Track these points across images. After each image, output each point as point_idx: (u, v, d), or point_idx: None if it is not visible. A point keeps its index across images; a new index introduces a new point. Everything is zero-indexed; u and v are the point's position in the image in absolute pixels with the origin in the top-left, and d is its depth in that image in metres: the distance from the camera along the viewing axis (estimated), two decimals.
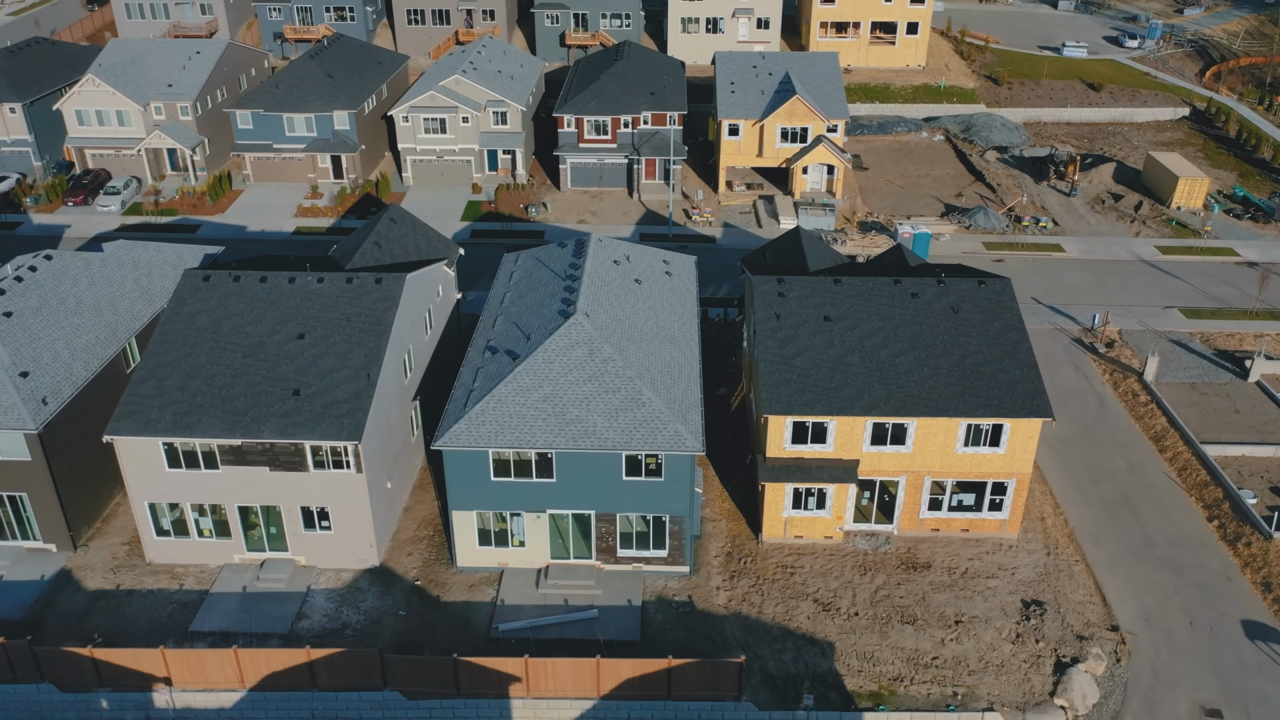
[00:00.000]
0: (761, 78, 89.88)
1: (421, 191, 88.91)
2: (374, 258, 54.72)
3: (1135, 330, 70.00)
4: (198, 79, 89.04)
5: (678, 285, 56.73)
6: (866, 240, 78.95)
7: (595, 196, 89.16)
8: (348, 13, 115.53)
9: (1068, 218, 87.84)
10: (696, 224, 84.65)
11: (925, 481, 49.46)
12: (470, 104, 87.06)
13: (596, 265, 53.42)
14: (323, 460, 45.34)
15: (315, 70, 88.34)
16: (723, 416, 59.75)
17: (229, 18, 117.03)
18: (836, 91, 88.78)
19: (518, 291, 54.55)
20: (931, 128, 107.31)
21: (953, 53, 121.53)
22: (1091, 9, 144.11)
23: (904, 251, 59.94)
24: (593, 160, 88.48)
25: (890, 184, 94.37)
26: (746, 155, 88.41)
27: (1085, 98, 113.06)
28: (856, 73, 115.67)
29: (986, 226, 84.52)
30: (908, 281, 53.01)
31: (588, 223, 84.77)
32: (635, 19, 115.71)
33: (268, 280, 50.60)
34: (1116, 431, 60.04)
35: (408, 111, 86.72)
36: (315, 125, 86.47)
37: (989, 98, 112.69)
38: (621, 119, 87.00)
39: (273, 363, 46.97)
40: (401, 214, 60.29)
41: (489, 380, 46.74)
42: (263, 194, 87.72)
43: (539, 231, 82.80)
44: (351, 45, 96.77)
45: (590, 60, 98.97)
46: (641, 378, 46.18)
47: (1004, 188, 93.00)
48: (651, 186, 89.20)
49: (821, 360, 49.13)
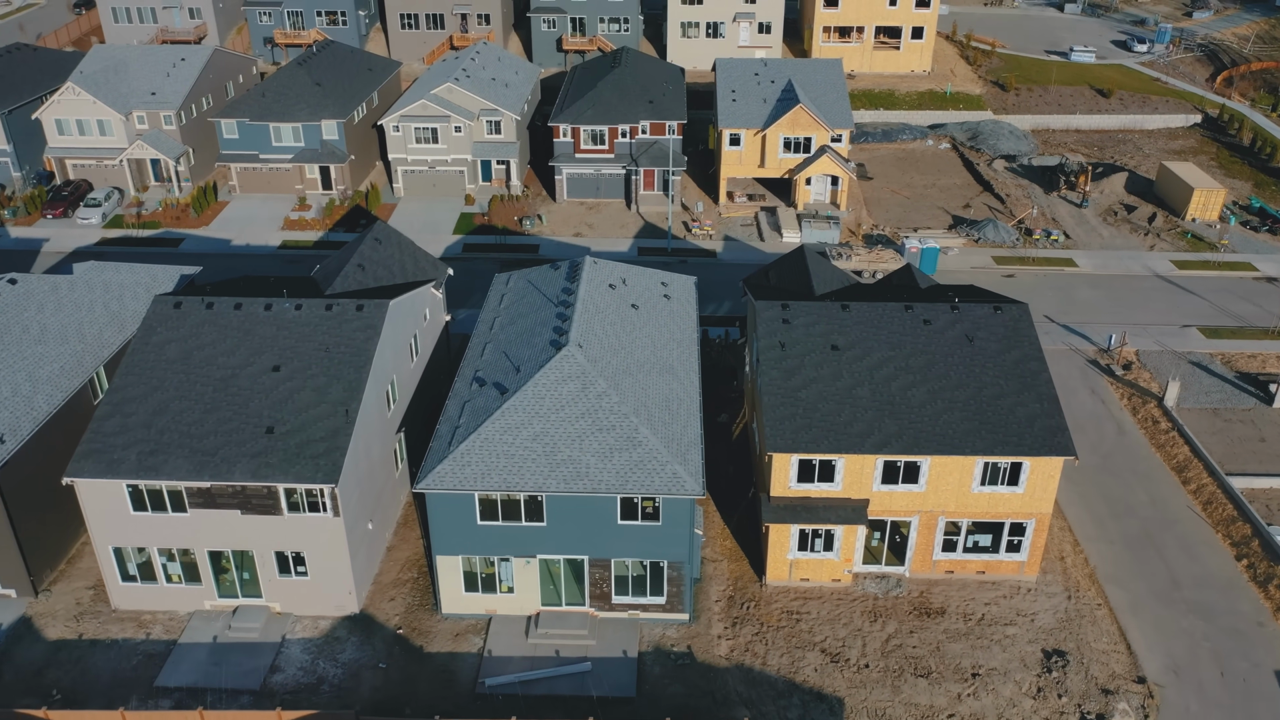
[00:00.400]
0: (763, 85, 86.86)
1: (413, 203, 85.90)
2: (357, 281, 51.72)
3: (1153, 351, 66.99)
4: (182, 87, 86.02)
5: (677, 309, 53.73)
6: (872, 255, 75.95)
7: (592, 208, 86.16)
8: (340, 17, 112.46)
9: (1079, 230, 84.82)
10: (696, 237, 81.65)
11: (939, 522, 46.48)
12: (463, 113, 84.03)
13: (590, 289, 50.42)
14: (298, 503, 42.36)
15: (303, 78, 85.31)
16: (724, 445, 56.80)
17: (218, 22, 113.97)
18: (841, 100, 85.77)
19: (508, 317, 51.55)
20: (937, 135, 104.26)
21: (958, 58, 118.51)
22: (1099, 12, 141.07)
23: (913, 272, 56.92)
24: (589, 171, 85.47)
25: (896, 194, 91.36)
26: (748, 166, 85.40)
27: (1094, 104, 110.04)
28: (860, 78, 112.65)
29: (996, 240, 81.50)
30: (919, 307, 50.00)
31: (584, 236, 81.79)
32: (634, 23, 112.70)
33: (242, 308, 47.62)
34: (1137, 461, 57.04)
35: (398, 121, 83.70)
36: (303, 135, 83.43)
37: (996, 104, 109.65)
38: (619, 129, 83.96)
39: (245, 397, 43.98)
40: (387, 232, 57.29)
41: (475, 416, 43.76)
42: (249, 206, 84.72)
43: (534, 245, 79.82)
44: (341, 52, 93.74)
45: (587, 67, 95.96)
46: (638, 414, 43.20)
47: (1013, 198, 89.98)
48: (650, 198, 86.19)
49: (829, 393, 46.14)
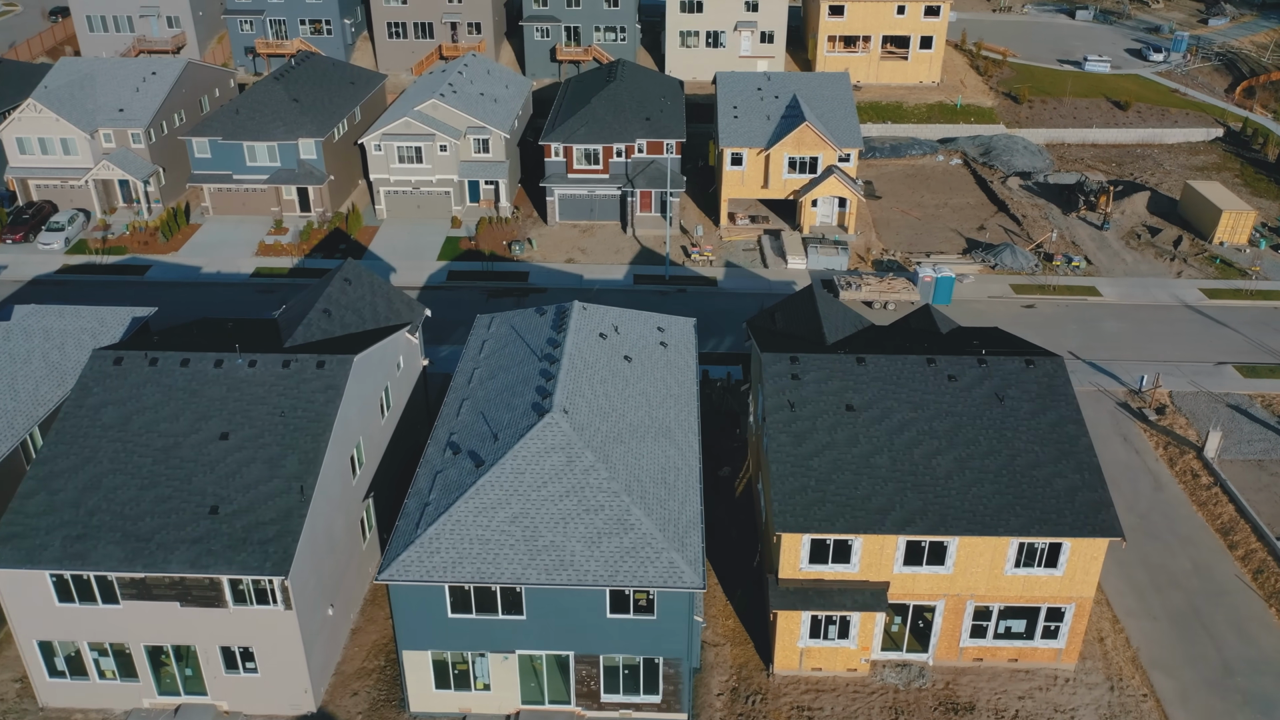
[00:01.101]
0: (767, 101, 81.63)
1: (396, 226, 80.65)
2: (321, 329, 46.52)
3: (1188, 393, 61.79)
4: (152, 103, 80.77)
5: (675, 359, 48.52)
6: (884, 285, 70.75)
7: (585, 231, 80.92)
8: (325, 26, 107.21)
9: (1101, 255, 79.61)
10: (696, 264, 76.44)
11: (967, 606, 41.33)
12: (449, 131, 78.79)
13: (579, 341, 45.22)
14: (245, 594, 37.19)
15: (279, 94, 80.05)
16: (726, 503, 51.67)
17: (198, 31, 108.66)
18: (849, 117, 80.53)
19: (488, 369, 46.36)
20: (948, 150, 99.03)
21: (968, 68, 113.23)
22: (1111, 19, 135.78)
23: (932, 312, 51.73)
24: (583, 192, 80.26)
25: (906, 215, 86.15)
26: (750, 187, 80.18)
27: (1111, 117, 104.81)
28: (866, 90, 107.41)
29: (1014, 266, 76.28)
30: (943, 361, 44.83)
31: (576, 262, 76.57)
32: (631, 32, 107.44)
33: (190, 364, 42.44)
34: (1177, 521, 51.87)
35: (380, 139, 78.47)
36: (279, 154, 78.19)
37: (1008, 117, 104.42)
38: (614, 148, 78.71)
39: (189, 470, 38.80)
40: (358, 272, 52.06)
41: (447, 492, 38.58)
42: (222, 229, 79.48)
43: (523, 273, 74.58)
44: (322, 65, 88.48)
45: (582, 80, 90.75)
46: (630, 490, 38.02)
47: (1030, 220, 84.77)
48: (647, 220, 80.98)
49: (844, 462, 40.98)
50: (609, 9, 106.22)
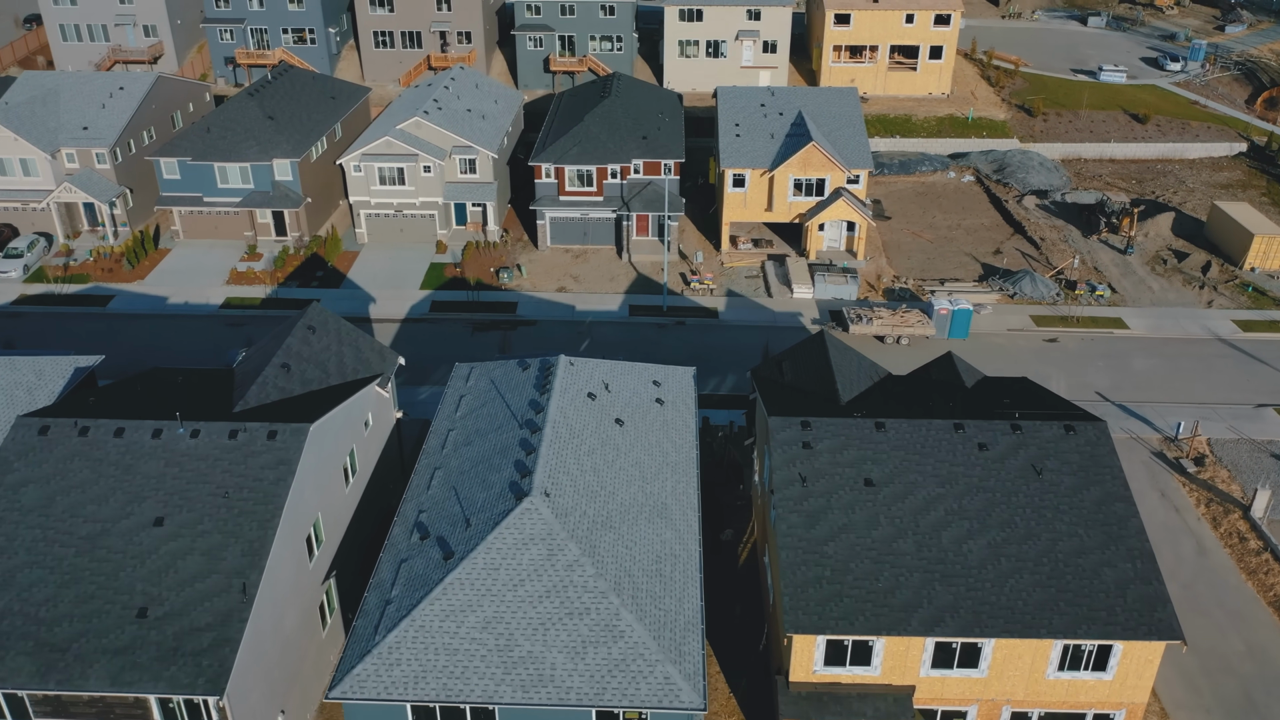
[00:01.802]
0: (771, 118, 76.49)
1: (377, 251, 75.54)
2: (278, 387, 41.46)
3: (1228, 440, 56.75)
4: (118, 120, 75.64)
5: (673, 417, 43.45)
6: (897, 319, 65.64)
7: (578, 257, 75.82)
8: (308, 35, 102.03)
9: (1125, 282, 74.52)
10: (696, 292, 71.35)
11: (1004, 712, 36.31)
12: (433, 151, 73.66)
13: (564, 403, 40.16)
14: (175, 714, 32.13)
15: (253, 111, 74.91)
16: (728, 573, 46.63)
17: (176, 41, 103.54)
18: (858, 135, 75.40)
19: (464, 432, 41.31)
20: (960, 167, 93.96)
21: (979, 78, 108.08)
22: (1124, 26, 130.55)
23: (955, 361, 46.72)
24: (575, 215, 75.16)
25: (918, 237, 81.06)
26: (753, 209, 75.08)
27: (1129, 131, 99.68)
28: (874, 102, 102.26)
29: (1034, 295, 71.18)
30: (972, 427, 39.79)
31: (569, 290, 71.46)
32: (628, 42, 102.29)
33: (125, 434, 37.39)
34: (1225, 593, 46.82)
35: (359, 160, 73.36)
36: (252, 176, 73.07)
37: (1022, 131, 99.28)
38: (609, 168, 73.61)
39: (117, 564, 33.77)
40: (323, 318, 46.97)
41: (411, 589, 33.54)
42: (192, 255, 74.39)
43: (511, 303, 69.48)
44: (301, 78, 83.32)
45: (575, 94, 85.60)
46: (620, 589, 32.99)
47: (1049, 243, 79.68)
48: (643, 244, 75.88)
49: (863, 547, 35.95)
50: (605, 18, 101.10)
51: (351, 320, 66.85)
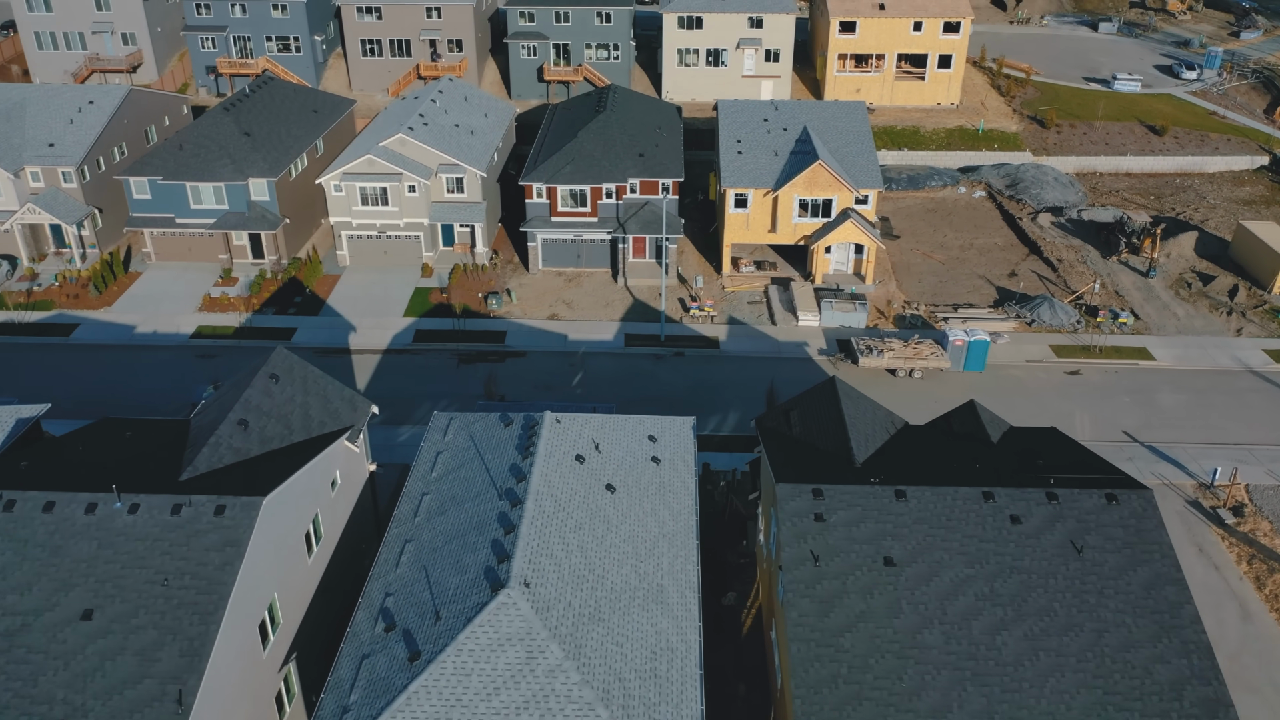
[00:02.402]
0: (774, 134, 72.17)
1: (359, 274, 71.24)
2: (233, 448, 37.20)
3: (1268, 486, 52.51)
4: (86, 137, 71.32)
5: (669, 479, 39.18)
6: (909, 351, 61.36)
7: (571, 280, 71.52)
8: (293, 44, 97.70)
9: (1149, 307, 70.24)
10: (695, 320, 67.06)
11: None
12: (417, 169, 69.34)
13: (549, 470, 35.89)
14: None
15: (229, 127, 70.57)
16: (730, 642, 42.40)
17: (155, 49, 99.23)
18: (867, 153, 71.09)
19: (438, 499, 37.05)
20: (971, 182, 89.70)
21: (989, 88, 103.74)
22: (1136, 32, 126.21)
23: (979, 410, 42.48)
24: (568, 236, 70.87)
25: (928, 258, 76.78)
26: (756, 231, 70.80)
27: (1146, 143, 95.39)
28: (880, 112, 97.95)
29: (1053, 323, 66.90)
30: (1003, 496, 35.53)
31: (560, 318, 67.18)
32: (625, 50, 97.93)
33: (55, 510, 33.13)
34: (1275, 668, 42.57)
35: (340, 179, 69.03)
36: (226, 196, 68.76)
37: (1035, 143, 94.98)
38: (603, 188, 69.32)
39: (37, 666, 29.52)
40: (288, 364, 42.71)
41: (372, 695, 29.26)
42: (164, 279, 70.09)
43: (499, 332, 65.20)
44: (281, 91, 78.97)
45: (569, 107, 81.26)
46: (609, 697, 28.73)
47: (1066, 265, 75.39)
48: (640, 268, 71.61)
49: (884, 640, 31.68)
50: (601, 25, 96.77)
51: (330, 352, 62.69)
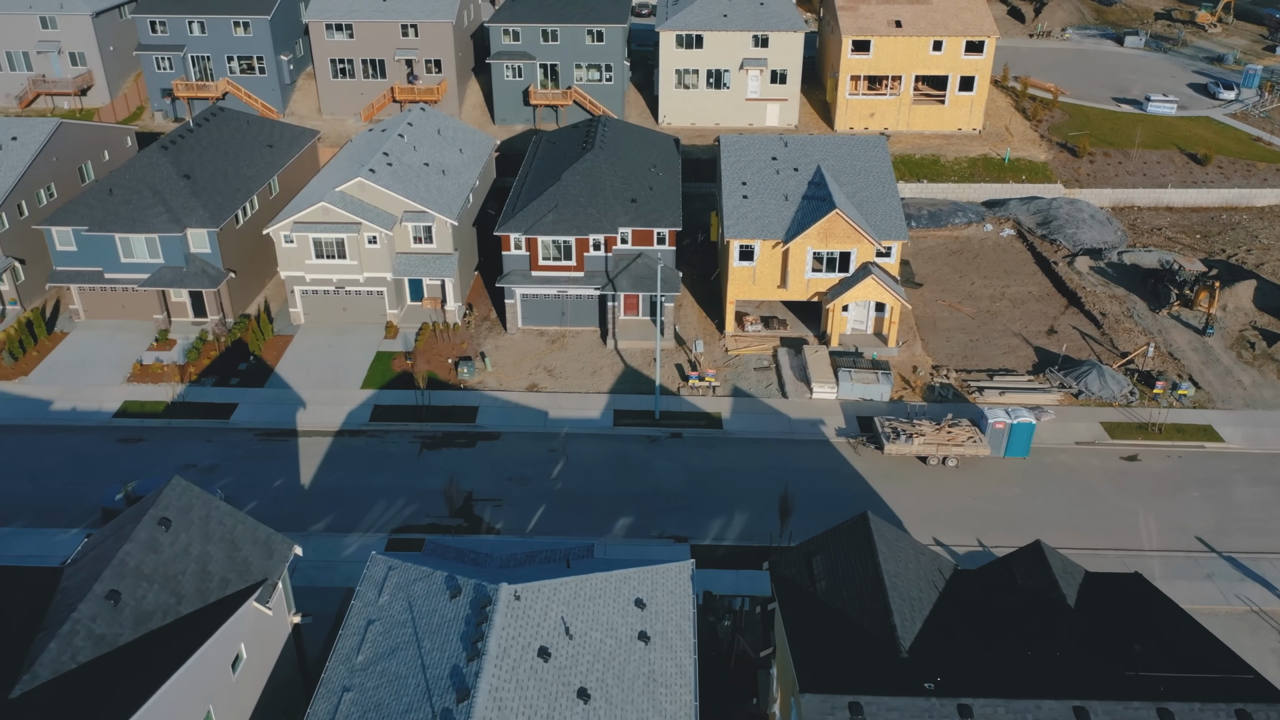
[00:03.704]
0: (784, 175, 63.13)
1: (315, 335, 62.25)
2: (93, 637, 28.29)
3: None
4: (5, 178, 62.42)
5: (661, 665, 30.16)
6: (943, 435, 52.35)
7: (555, 341, 62.53)
8: (256, 64, 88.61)
9: (1209, 373, 61.24)
10: (696, 391, 58.07)
11: None
12: (379, 218, 60.31)
13: (503, 677, 26.92)
14: None
15: (165, 169, 61.55)
16: None
17: (107, 70, 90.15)
18: (889, 197, 62.03)
19: (359, 701, 28.07)
20: (998, 218, 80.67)
21: (1013, 110, 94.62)
22: (1165, 47, 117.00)
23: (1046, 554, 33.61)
24: (551, 291, 61.87)
25: (956, 310, 67.78)
26: (763, 286, 61.80)
27: (1187, 173, 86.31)
28: (896, 139, 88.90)
29: (1103, 395, 57.91)
30: (1100, 710, 26.57)
31: (540, 389, 58.18)
32: (618, 71, 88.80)
33: None
34: None
35: (290, 229, 60.00)
36: (161, 249, 59.76)
37: (1066, 174, 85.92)
38: (590, 239, 60.30)
39: None
40: (184, 503, 33.68)
41: None
42: (91, 342, 61.14)
43: (470, 409, 56.20)
44: (231, 124, 69.90)
45: (555, 140, 72.17)
46: None
47: (1111, 320, 66.38)
48: (632, 326, 62.66)
49: None
50: (592, 44, 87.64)
51: (274, 434, 53.75)
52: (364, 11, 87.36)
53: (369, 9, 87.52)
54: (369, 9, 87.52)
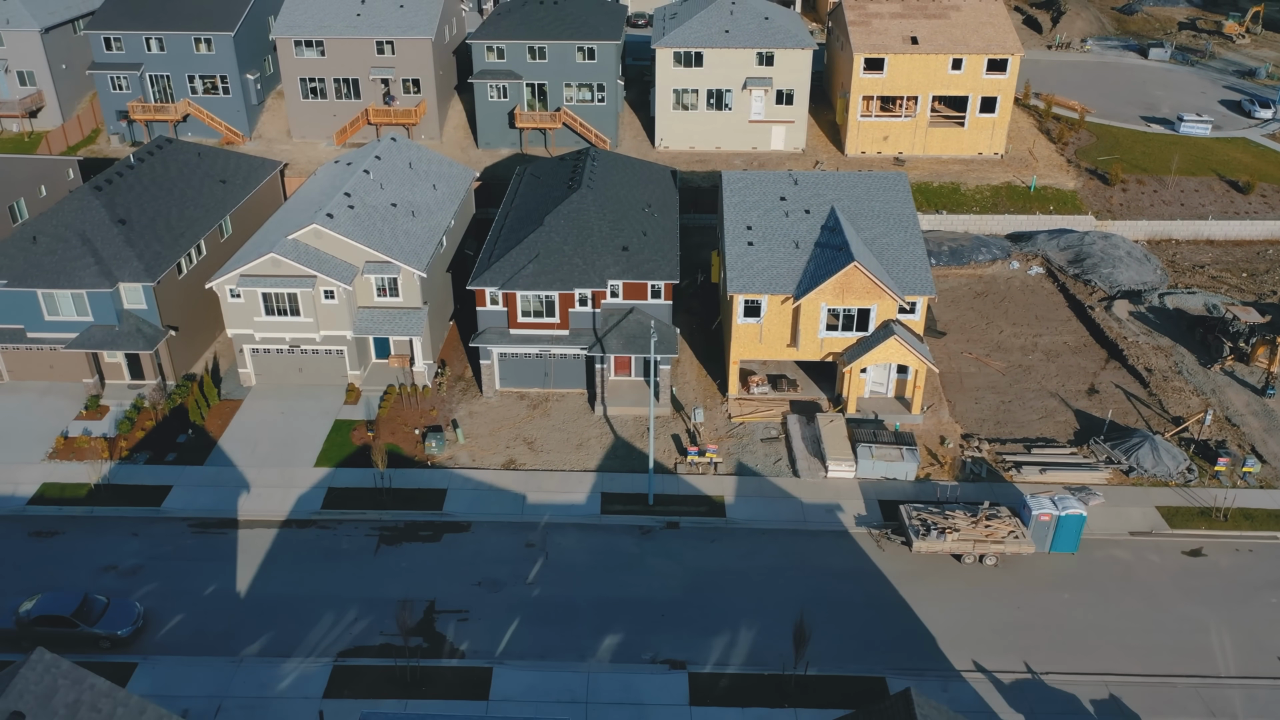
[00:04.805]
0: (794, 218, 55.60)
1: (266, 400, 54.77)
2: None
3: None
4: None
5: None
6: (979, 530, 44.87)
7: (536, 406, 55.05)
8: (220, 83, 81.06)
9: (1272, 442, 53.77)
10: (695, 469, 50.61)
11: None
12: (337, 270, 52.81)
13: None
14: None
15: (97, 213, 54.08)
16: None
17: (59, 90, 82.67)
18: (913, 244, 54.47)
19: None
20: (1025, 255, 73.17)
21: (1037, 131, 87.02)
22: (1192, 60, 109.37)
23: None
24: (532, 351, 54.41)
25: (984, 365, 60.31)
26: (771, 345, 54.31)
27: (1228, 203, 78.76)
28: (912, 164, 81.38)
29: (1158, 472, 50.43)
30: None
31: (519, 466, 50.71)
32: (611, 91, 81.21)
33: None
34: None
35: (236, 283, 52.50)
36: (90, 306, 52.32)
37: (1097, 203, 78.33)
38: (576, 294, 52.81)
39: None
40: (47, 688, 26.10)
41: None
42: (14, 409, 53.69)
43: (437, 492, 48.72)
44: (179, 157, 62.36)
45: (539, 174, 64.59)
46: None
47: (1158, 377, 58.92)
48: (623, 388, 55.24)
49: None
50: (584, 62, 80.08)
51: (210, 525, 46.33)
52: (336, 27, 79.80)
53: (342, 24, 79.96)
54: (342, 24, 79.96)
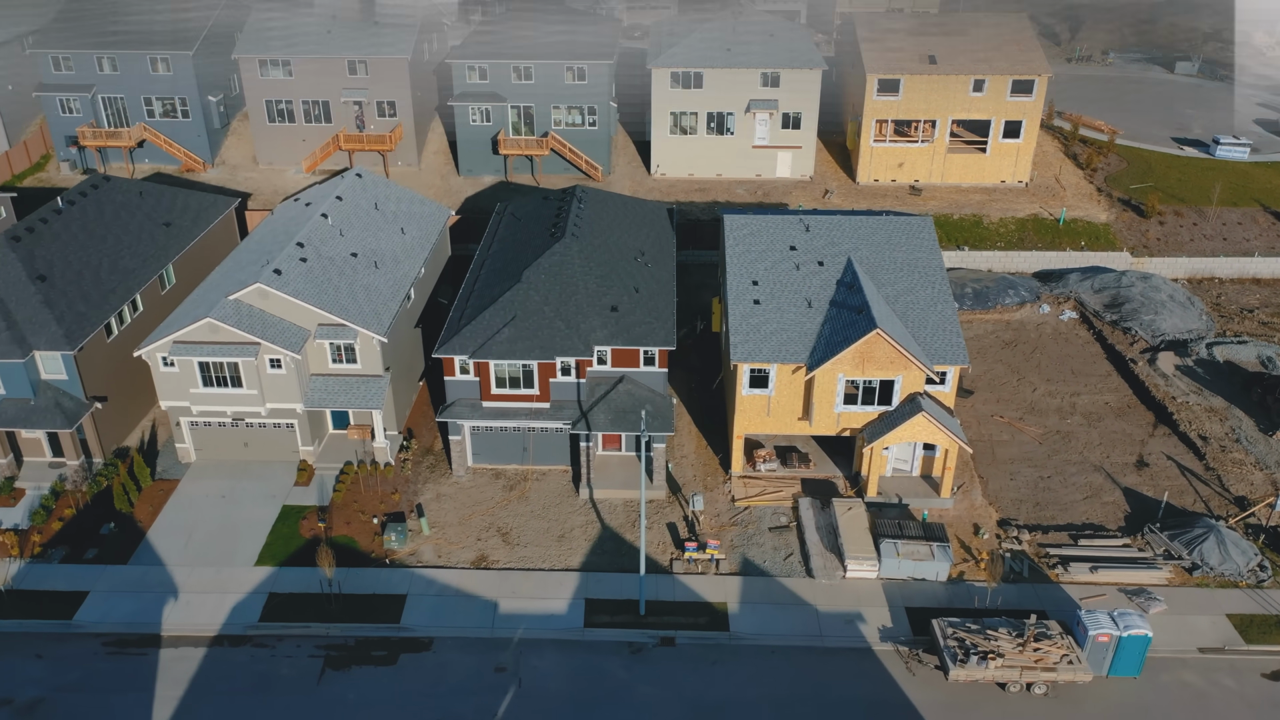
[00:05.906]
0: (805, 271, 48.42)
1: (206, 481, 47.64)
2: None
3: None
4: None
5: None
6: (1027, 655, 37.73)
7: (514, 488, 47.91)
8: (179, 106, 73.91)
9: None
10: (695, 566, 43.50)
11: None
12: (284, 335, 45.64)
13: None
14: None
15: (13, 268, 46.97)
16: None
17: (4, 113, 75.67)
18: (942, 303, 47.24)
19: None
20: (1056, 297, 66.00)
21: (1063, 156, 79.82)
22: (1221, 74, 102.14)
23: None
24: (510, 425, 47.27)
25: (1018, 430, 53.20)
26: (781, 419, 47.15)
27: (1275, 236, 71.62)
28: (929, 193, 74.26)
29: (1225, 570, 43.32)
30: None
31: (491, 564, 43.61)
32: (604, 114, 74.01)
33: None
34: None
35: (169, 350, 45.34)
36: (1, 378, 45.16)
37: (1133, 238, 71.14)
38: (557, 364, 45.68)
39: None
40: None
41: None
42: None
43: (395, 599, 41.62)
44: (119, 197, 55.22)
45: (520, 216, 57.35)
46: None
47: (1214, 446, 51.79)
48: (611, 465, 48.13)
49: None
50: (573, 83, 72.92)
51: (128, 642, 39.29)
52: (305, 46, 72.64)
53: (311, 43, 72.81)
54: (311, 43, 72.81)
